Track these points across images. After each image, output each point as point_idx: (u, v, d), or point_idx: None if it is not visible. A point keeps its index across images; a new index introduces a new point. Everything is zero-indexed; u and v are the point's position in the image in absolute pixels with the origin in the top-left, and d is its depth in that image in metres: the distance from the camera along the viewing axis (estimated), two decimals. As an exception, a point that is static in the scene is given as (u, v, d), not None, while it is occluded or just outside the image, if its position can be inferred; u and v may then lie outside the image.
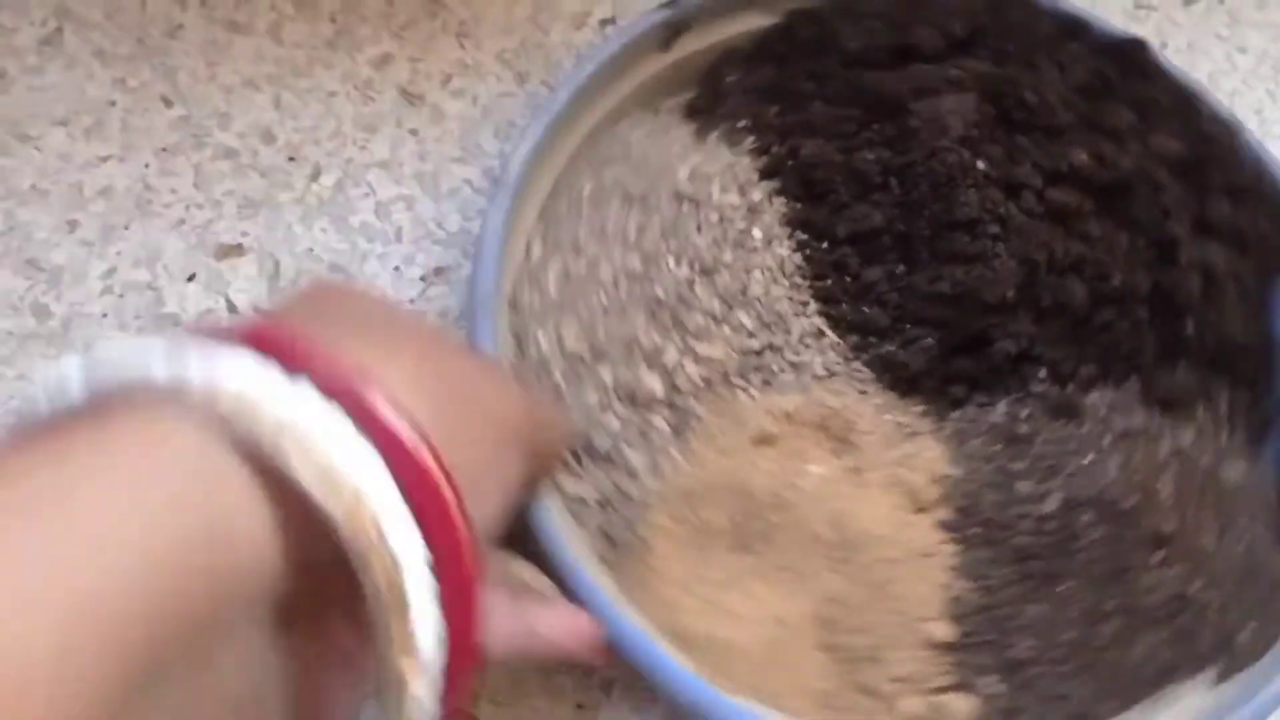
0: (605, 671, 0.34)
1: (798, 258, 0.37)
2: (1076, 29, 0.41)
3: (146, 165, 0.40)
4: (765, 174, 0.38)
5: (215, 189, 0.40)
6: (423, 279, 0.39)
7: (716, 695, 0.29)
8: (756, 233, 0.37)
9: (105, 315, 0.37)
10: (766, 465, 0.33)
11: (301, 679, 0.22)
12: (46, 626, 0.16)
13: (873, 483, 0.34)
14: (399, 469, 0.20)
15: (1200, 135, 0.40)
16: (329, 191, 0.40)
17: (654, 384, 0.34)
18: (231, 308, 0.38)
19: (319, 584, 0.21)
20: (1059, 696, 0.32)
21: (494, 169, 0.41)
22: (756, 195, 0.38)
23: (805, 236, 0.38)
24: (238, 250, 0.39)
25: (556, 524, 0.31)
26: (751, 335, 0.35)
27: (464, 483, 0.22)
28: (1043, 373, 0.37)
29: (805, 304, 0.37)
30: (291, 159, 0.41)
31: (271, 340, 0.21)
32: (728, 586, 0.32)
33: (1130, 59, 0.41)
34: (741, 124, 0.39)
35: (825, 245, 0.38)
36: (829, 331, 0.37)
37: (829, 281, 0.37)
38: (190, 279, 0.38)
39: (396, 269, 0.39)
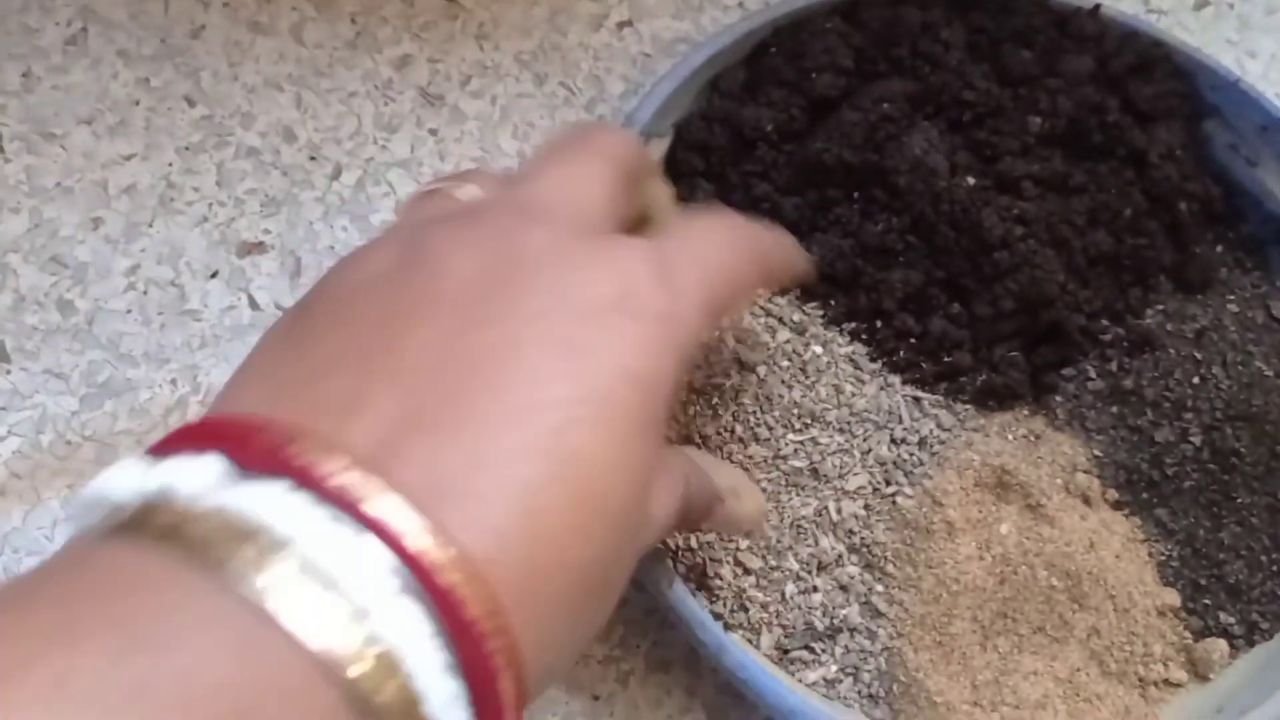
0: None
1: (860, 347, 0.37)
2: (921, 0, 0.41)
3: (170, 164, 0.40)
4: (779, 290, 0.38)
5: (237, 187, 0.40)
6: (442, 276, 0.40)
7: None
8: (817, 349, 0.37)
9: (129, 311, 0.38)
10: (967, 551, 0.34)
11: None
12: None
13: (1051, 508, 0.35)
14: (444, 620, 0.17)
15: (1080, 35, 0.41)
16: (350, 190, 0.41)
17: (834, 544, 0.34)
18: (253, 304, 0.38)
19: None
20: None
21: (512, 170, 0.42)
22: (795, 315, 0.37)
23: (854, 325, 0.37)
24: (260, 248, 0.39)
25: (822, 711, 0.31)
26: (877, 442, 0.36)
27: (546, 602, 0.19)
28: (1104, 321, 0.38)
29: (892, 384, 0.37)
30: (313, 158, 0.41)
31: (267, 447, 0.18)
32: (1004, 678, 0.33)
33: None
34: None
35: (879, 324, 0.37)
36: (924, 394, 0.37)
37: (901, 353, 0.37)
38: (213, 276, 0.39)
39: (416, 267, 0.40)
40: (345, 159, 0.41)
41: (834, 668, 0.33)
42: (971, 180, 0.37)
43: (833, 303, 0.37)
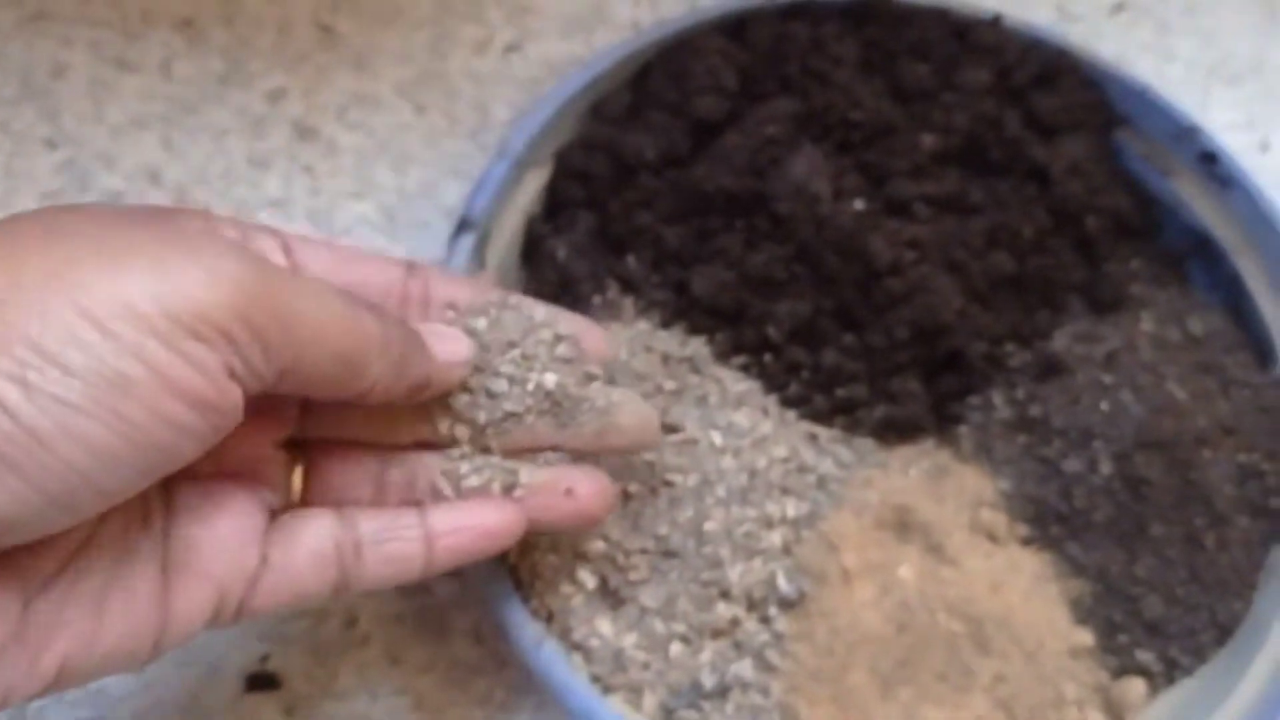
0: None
1: (750, 384, 0.35)
2: (813, 15, 0.39)
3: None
4: (665, 324, 0.36)
5: (99, 233, 0.38)
6: (314, 321, 0.38)
7: None
8: (712, 390, 0.35)
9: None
10: (864, 595, 0.32)
11: None
12: None
13: (954, 548, 0.33)
14: None
15: (980, 46, 0.39)
16: (218, 232, 0.39)
17: (727, 606, 0.32)
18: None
19: None
20: (1202, 627, 0.33)
21: (390, 205, 0.40)
22: (679, 349, 0.35)
23: (744, 359, 0.35)
24: (121, 296, 0.38)
25: None
26: (771, 484, 0.33)
27: None
28: (1010, 347, 0.37)
29: (784, 419, 0.35)
30: (180, 200, 0.39)
31: None
32: None
33: (870, 11, 0.39)
34: (610, 294, 0.36)
35: (769, 357, 0.35)
36: (819, 428, 0.35)
37: (792, 387, 0.35)
38: (71, 328, 0.37)
39: (287, 311, 0.38)
40: (214, 200, 0.39)
41: None
42: (860, 204, 0.35)
43: (718, 336, 0.35)
